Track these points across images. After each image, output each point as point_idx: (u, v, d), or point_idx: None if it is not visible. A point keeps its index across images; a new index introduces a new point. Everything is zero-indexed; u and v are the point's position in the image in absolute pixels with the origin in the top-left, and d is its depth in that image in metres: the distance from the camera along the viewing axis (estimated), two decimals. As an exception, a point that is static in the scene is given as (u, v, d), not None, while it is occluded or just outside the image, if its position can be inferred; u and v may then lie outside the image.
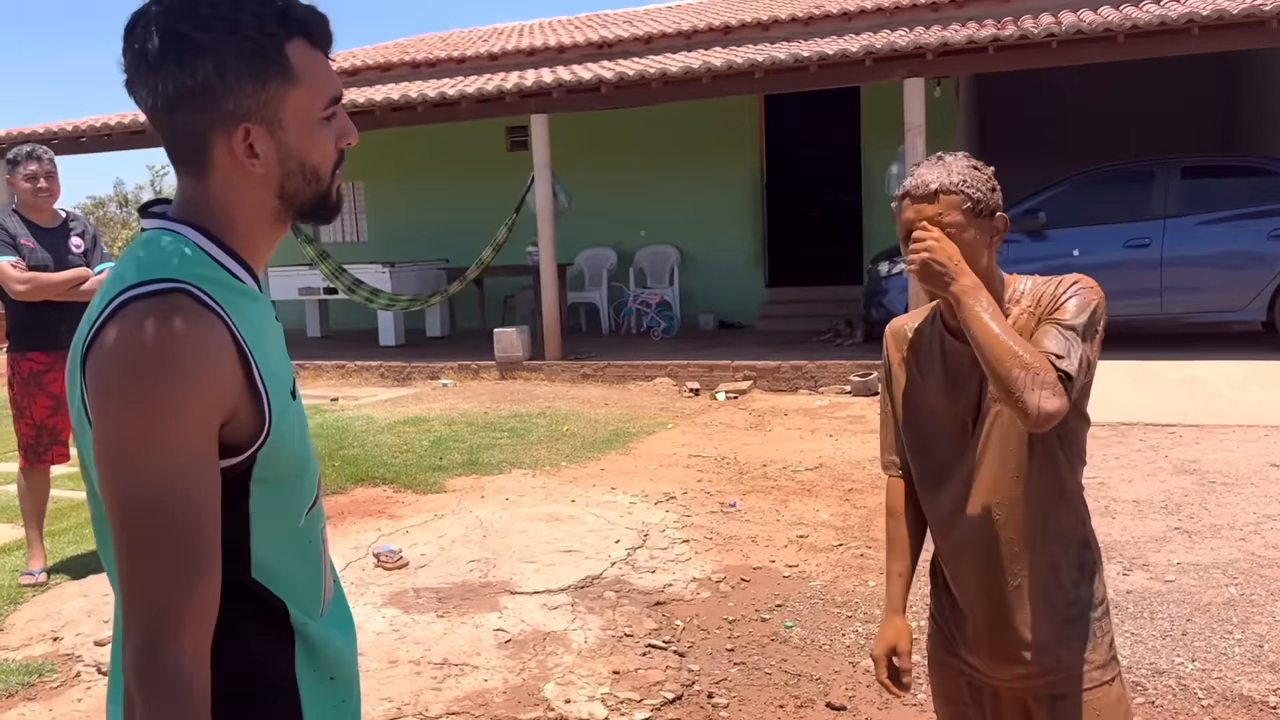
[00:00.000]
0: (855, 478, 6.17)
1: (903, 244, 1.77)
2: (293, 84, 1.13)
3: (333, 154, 1.19)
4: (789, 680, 3.55)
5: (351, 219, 15.04)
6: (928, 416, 1.87)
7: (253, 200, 1.16)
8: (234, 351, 1.07)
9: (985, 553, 1.82)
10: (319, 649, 1.18)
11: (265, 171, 1.14)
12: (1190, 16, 8.38)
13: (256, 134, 1.12)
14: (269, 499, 1.13)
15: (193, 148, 1.13)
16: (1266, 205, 8.88)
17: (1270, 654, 3.56)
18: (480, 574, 4.60)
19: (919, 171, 1.77)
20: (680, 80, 9.94)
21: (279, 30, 1.11)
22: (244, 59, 1.09)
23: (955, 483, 1.84)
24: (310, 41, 1.15)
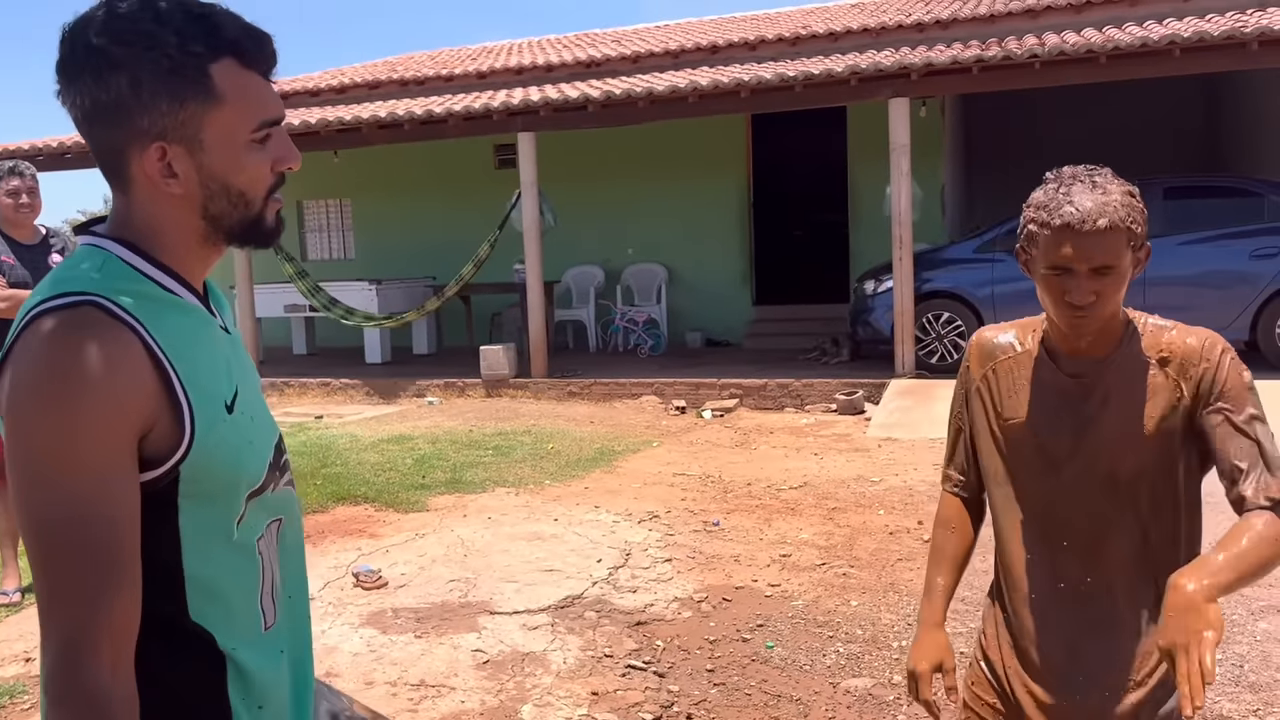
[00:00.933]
0: (839, 496, 6.16)
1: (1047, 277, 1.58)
2: (215, 105, 1.10)
3: (266, 178, 1.16)
4: (769, 701, 3.52)
5: (339, 236, 15.03)
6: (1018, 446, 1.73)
7: (175, 219, 1.14)
8: (148, 363, 1.05)
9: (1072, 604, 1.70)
10: (249, 675, 1.15)
11: (184, 192, 1.12)
12: (1172, 38, 8.45)
13: (174, 153, 1.10)
14: (200, 513, 1.11)
15: (112, 163, 1.12)
16: (1248, 225, 8.95)
17: (1250, 674, 3.55)
18: (460, 594, 4.56)
19: (1077, 199, 1.55)
20: (667, 99, 9.97)
21: (204, 50, 1.09)
22: (160, 77, 1.07)
23: (1047, 517, 1.71)
24: (241, 62, 1.12)
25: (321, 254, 14.94)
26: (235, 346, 1.22)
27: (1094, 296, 1.55)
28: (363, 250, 14.67)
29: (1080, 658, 1.69)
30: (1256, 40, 8.32)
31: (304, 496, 6.31)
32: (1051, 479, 1.69)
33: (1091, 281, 1.55)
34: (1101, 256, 1.53)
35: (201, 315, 1.16)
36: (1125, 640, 1.67)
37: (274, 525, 1.23)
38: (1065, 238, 1.54)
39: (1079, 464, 1.66)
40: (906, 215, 9.41)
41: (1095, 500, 1.66)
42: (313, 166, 13.63)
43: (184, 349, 1.10)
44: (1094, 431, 1.65)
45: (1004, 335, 1.79)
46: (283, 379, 11.31)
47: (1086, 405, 1.66)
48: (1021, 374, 1.73)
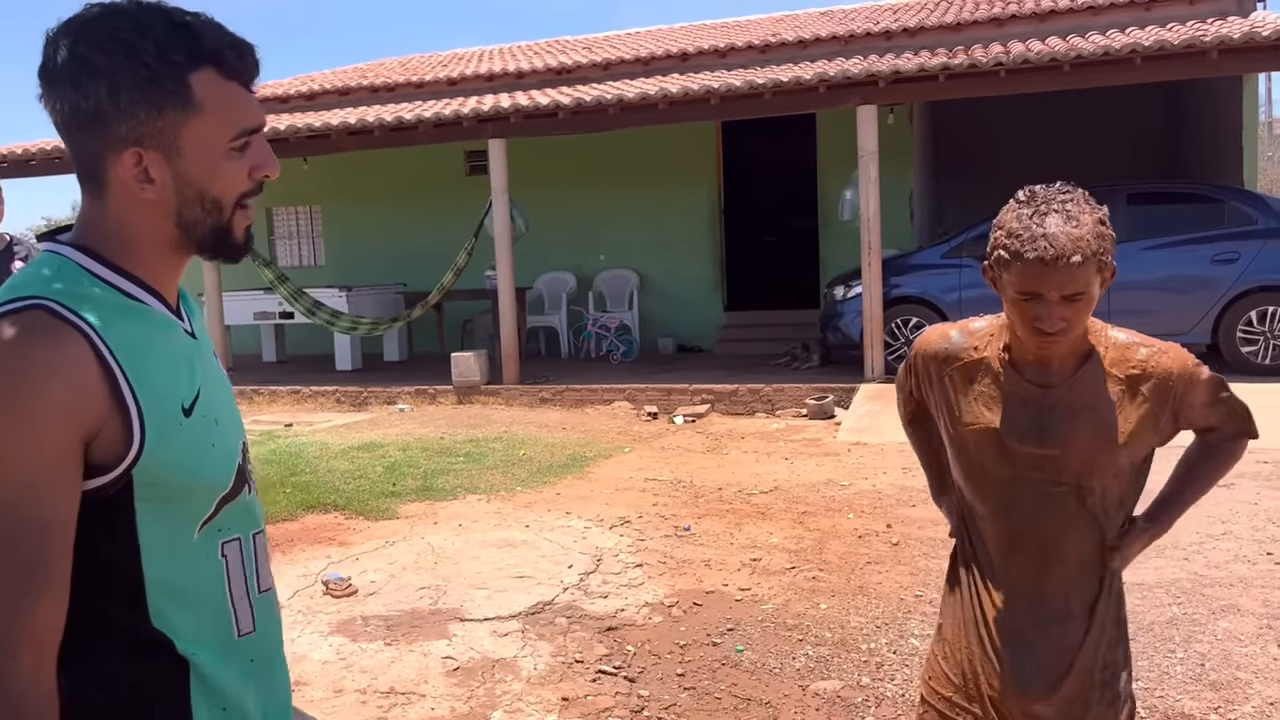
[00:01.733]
0: (809, 501, 6.20)
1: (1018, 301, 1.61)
2: (193, 114, 1.11)
3: (243, 184, 1.17)
4: (738, 705, 3.54)
5: (309, 243, 14.95)
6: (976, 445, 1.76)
7: (148, 225, 1.15)
8: (95, 366, 1.06)
9: (1028, 597, 1.73)
10: (211, 679, 1.15)
11: (159, 198, 1.13)
12: (1133, 47, 8.59)
13: (151, 159, 1.11)
14: (159, 517, 1.11)
15: (89, 168, 1.13)
16: (1210, 231, 9.10)
17: (1211, 672, 3.61)
18: (430, 601, 4.55)
19: (1045, 226, 1.57)
20: (637, 106, 10.01)
21: (184, 59, 1.10)
22: (139, 85, 1.08)
23: (1004, 516, 1.75)
24: (222, 72, 1.13)
25: (291, 260, 14.84)
26: (202, 351, 1.22)
27: (1064, 323, 1.59)
28: (333, 257, 14.60)
29: (1033, 651, 1.73)
30: (1216, 49, 8.47)
31: (273, 504, 6.28)
32: (1014, 483, 1.72)
33: (1062, 308, 1.58)
34: (1073, 287, 1.56)
35: (161, 320, 1.16)
36: (1073, 633, 1.72)
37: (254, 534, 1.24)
38: (1037, 270, 1.56)
39: (1045, 473, 1.70)
40: (875, 221, 9.49)
41: (1057, 506, 1.70)
42: (282, 173, 13.35)
43: (137, 353, 1.10)
44: (1062, 444, 1.68)
45: (957, 337, 1.81)
46: (252, 387, 11.23)
47: (1053, 414, 1.69)
48: (983, 380, 1.75)
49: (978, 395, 1.75)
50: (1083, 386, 1.68)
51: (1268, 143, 28.93)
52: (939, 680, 1.85)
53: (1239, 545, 4.94)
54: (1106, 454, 1.67)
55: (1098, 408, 1.67)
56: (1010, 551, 1.75)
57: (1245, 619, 4.05)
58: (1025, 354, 1.71)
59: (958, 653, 1.82)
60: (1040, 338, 1.62)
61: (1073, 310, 1.59)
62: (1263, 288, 8.83)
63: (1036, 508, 1.71)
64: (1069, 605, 1.73)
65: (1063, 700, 1.71)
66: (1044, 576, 1.72)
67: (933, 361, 1.83)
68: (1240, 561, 4.72)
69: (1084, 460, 1.67)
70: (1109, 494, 1.70)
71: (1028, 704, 1.72)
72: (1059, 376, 1.70)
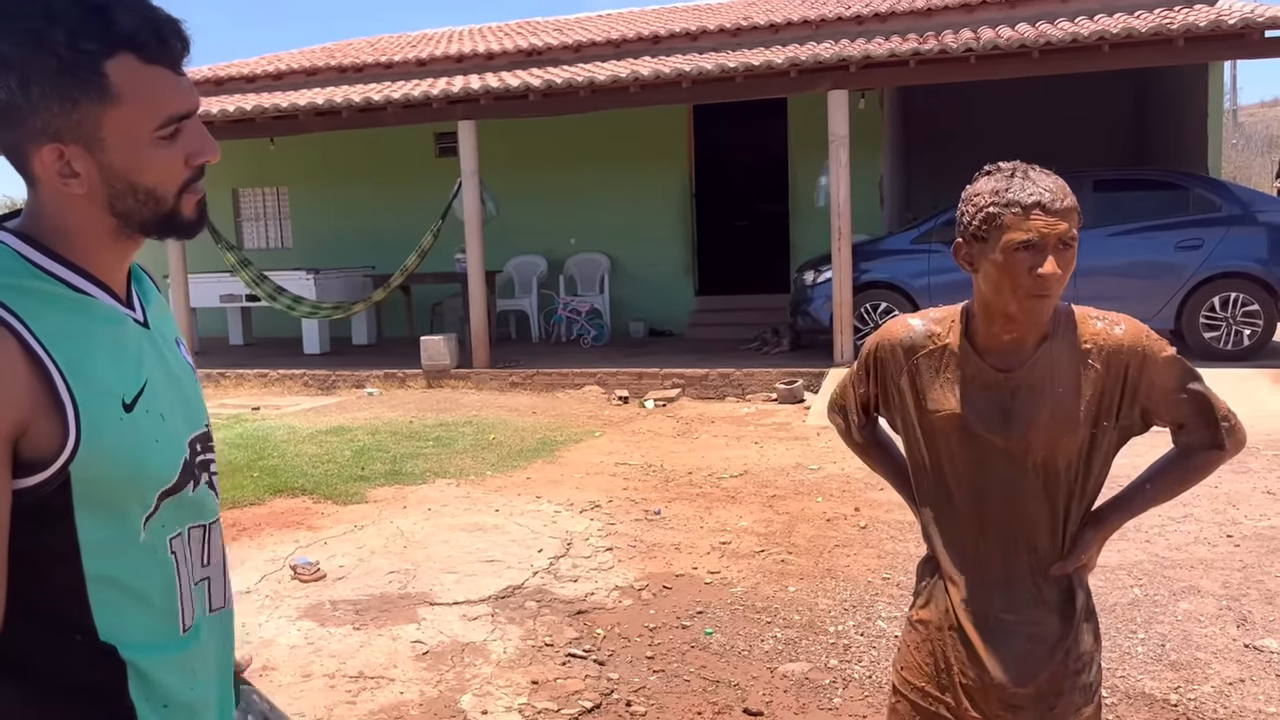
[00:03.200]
0: (779, 484, 6.23)
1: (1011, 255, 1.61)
2: (111, 103, 1.05)
3: (179, 173, 1.12)
4: (707, 687, 3.56)
5: (276, 225, 14.78)
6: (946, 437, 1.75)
7: (82, 216, 1.10)
8: (22, 359, 1.02)
9: (1000, 584, 1.73)
10: (151, 676, 1.12)
11: (86, 191, 1.08)
12: (1101, 34, 8.65)
13: (72, 153, 1.06)
14: (99, 514, 1.08)
15: (15, 161, 1.09)
16: (1175, 218, 9.20)
17: (1171, 653, 3.67)
18: (399, 585, 4.54)
19: (1033, 181, 1.63)
20: (608, 89, 9.96)
21: (97, 47, 1.04)
22: (49, 77, 1.03)
23: (971, 503, 1.74)
24: (141, 57, 1.06)
25: (258, 243, 14.68)
26: (154, 341, 1.19)
27: (1061, 270, 1.60)
28: (300, 239, 14.45)
29: (1007, 639, 1.74)
30: (1182, 36, 8.55)
31: (240, 489, 6.22)
32: (981, 469, 1.73)
33: (1059, 255, 1.60)
34: (1069, 228, 1.60)
35: (105, 311, 1.13)
36: (1046, 620, 1.73)
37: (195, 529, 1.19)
38: (1036, 213, 1.60)
39: (1010, 455, 1.70)
40: (845, 207, 9.52)
41: (1024, 489, 1.71)
42: (249, 154, 13.38)
43: (72, 345, 1.06)
44: (1025, 424, 1.69)
45: (919, 326, 1.81)
46: (219, 370, 11.11)
47: (1016, 398, 1.69)
48: (945, 366, 1.75)
49: (943, 382, 1.75)
50: (1043, 366, 1.69)
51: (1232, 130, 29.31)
52: (912, 670, 1.85)
53: (1200, 528, 5.02)
54: (1069, 434, 1.68)
55: (1058, 386, 1.68)
56: (980, 539, 1.75)
57: (1205, 600, 4.12)
58: (990, 337, 1.71)
59: (930, 642, 1.82)
60: (1033, 294, 1.61)
61: (1065, 260, 1.61)
62: (1225, 274, 8.95)
63: (1004, 494, 1.71)
64: (1040, 592, 1.73)
65: (1036, 689, 1.71)
66: (1014, 563, 1.73)
67: (898, 350, 1.82)
68: (1201, 544, 4.79)
69: (1048, 442, 1.68)
70: (1075, 475, 1.71)
71: (1002, 693, 1.73)
72: (1020, 359, 1.70)
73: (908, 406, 1.80)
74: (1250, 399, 7.62)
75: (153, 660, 1.12)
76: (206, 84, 13.52)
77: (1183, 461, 1.80)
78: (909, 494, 1.92)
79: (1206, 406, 1.73)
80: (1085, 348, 1.68)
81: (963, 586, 1.77)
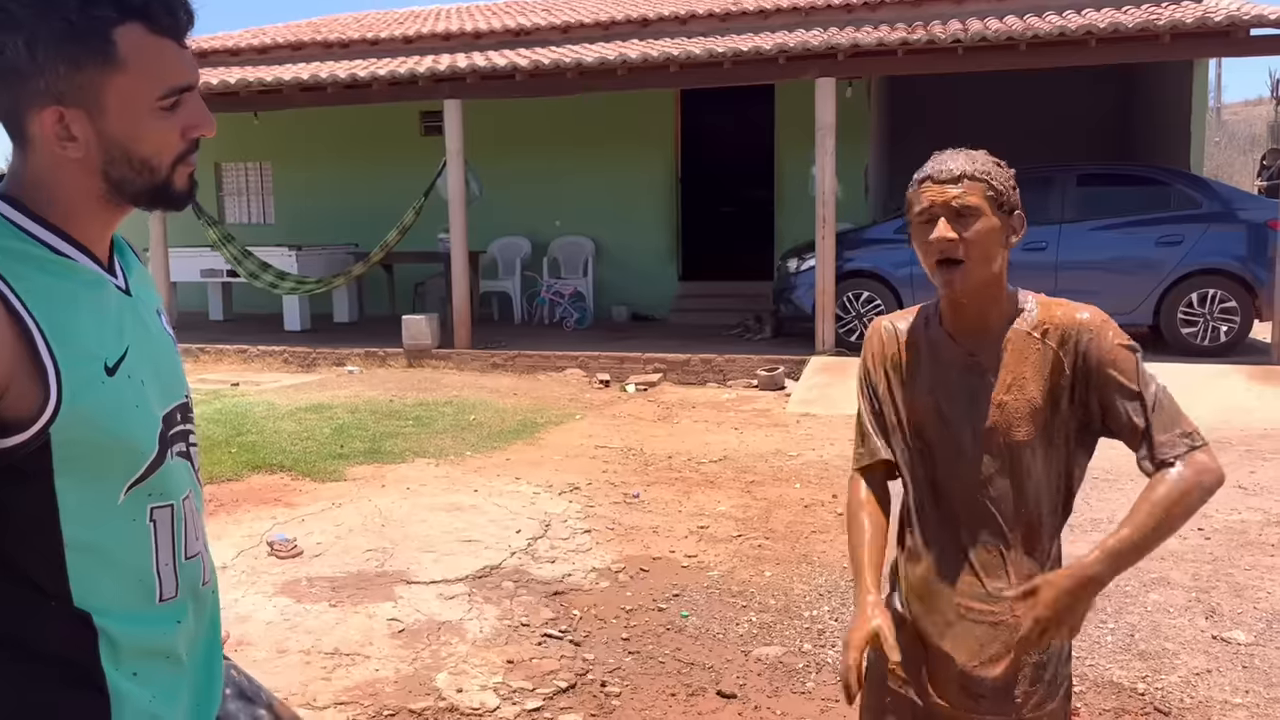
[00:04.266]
0: (758, 470, 6.26)
1: (918, 229, 1.72)
2: (116, 70, 1.07)
3: (175, 144, 1.13)
4: (682, 669, 3.59)
5: (259, 200, 14.67)
6: (923, 426, 1.79)
7: (73, 181, 1.11)
8: (5, 320, 1.02)
9: (971, 572, 1.76)
10: (122, 643, 1.12)
11: (82, 155, 1.09)
12: (1089, 28, 8.68)
13: (72, 116, 1.07)
14: (80, 479, 1.08)
15: (10, 122, 1.09)
16: (1156, 214, 9.27)
17: (1140, 643, 3.72)
18: (377, 563, 4.54)
19: (940, 157, 1.74)
20: (596, 71, 9.92)
21: (108, 13, 1.05)
22: (57, 39, 1.04)
23: (944, 489, 1.77)
24: (150, 27, 1.08)
25: (240, 218, 14.56)
26: (136, 309, 1.19)
27: (953, 237, 1.65)
28: (283, 215, 14.34)
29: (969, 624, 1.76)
30: (1169, 33, 8.59)
31: (218, 464, 6.20)
32: (955, 456, 1.75)
33: (955, 221, 1.67)
34: (959, 198, 1.66)
35: (88, 275, 1.13)
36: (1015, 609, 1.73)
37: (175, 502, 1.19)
38: (926, 184, 1.71)
39: (978, 438, 1.73)
40: (830, 195, 9.53)
41: (994, 473, 1.73)
42: (232, 128, 13.25)
43: (57, 308, 1.06)
44: (990, 406, 1.72)
45: (901, 322, 1.87)
46: (198, 345, 11.04)
47: (982, 381, 1.74)
48: (923, 356, 1.80)
49: (921, 372, 1.80)
50: (1007, 347, 1.74)
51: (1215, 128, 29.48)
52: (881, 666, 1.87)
53: (1172, 520, 5.07)
54: (1027, 412, 1.71)
55: (1020, 367, 1.72)
56: (948, 525, 1.78)
57: (1175, 592, 4.18)
58: (954, 321, 1.77)
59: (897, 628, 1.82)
60: (939, 265, 1.68)
61: (962, 226, 1.66)
62: (1204, 270, 9.03)
63: (971, 479, 1.75)
64: (1010, 580, 1.75)
65: (998, 678, 1.73)
66: (980, 551, 1.75)
67: (880, 350, 1.87)
68: (1172, 536, 4.84)
69: (1009, 420, 1.71)
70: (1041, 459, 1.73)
71: (964, 680, 1.75)
72: (987, 341, 1.75)
73: (894, 399, 1.84)
74: (1226, 395, 7.70)
75: (126, 630, 1.12)
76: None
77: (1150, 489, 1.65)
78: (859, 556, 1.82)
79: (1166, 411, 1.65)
80: (1047, 329, 1.73)
81: (929, 573, 1.80)
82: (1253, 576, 4.31)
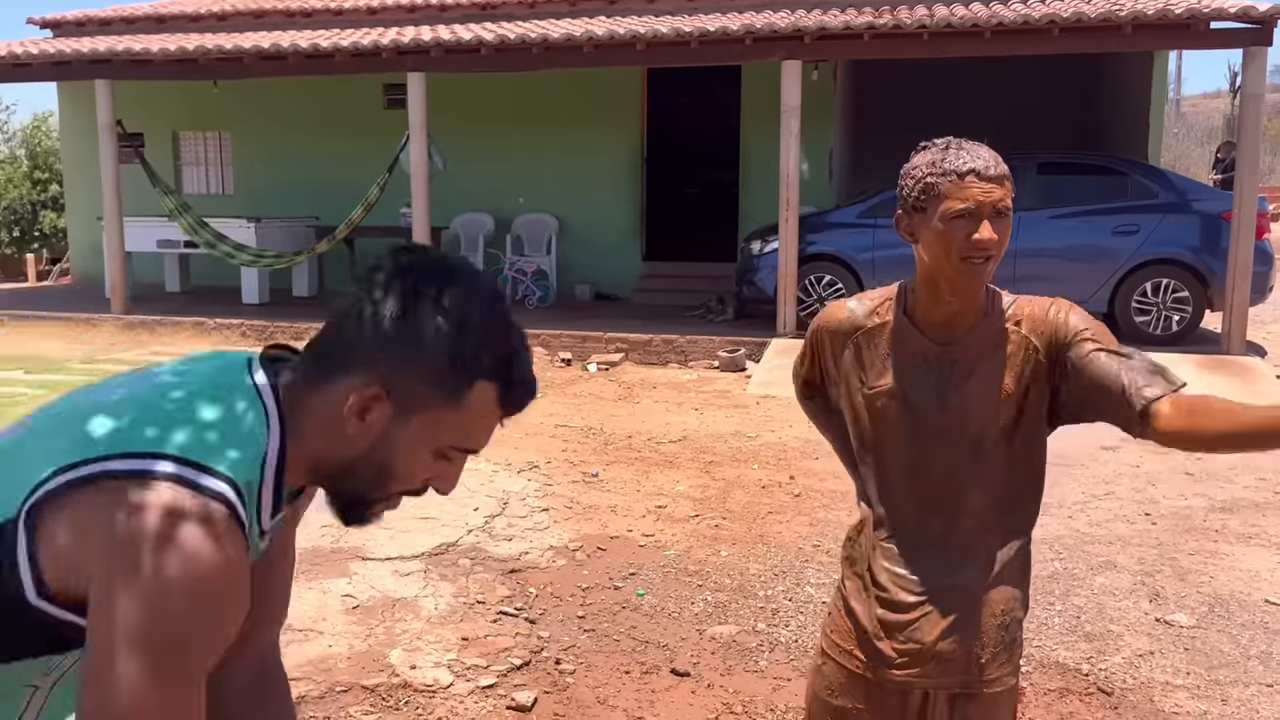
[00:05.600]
0: (716, 451, 6.29)
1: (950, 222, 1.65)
2: (450, 407, 1.10)
3: (415, 482, 1.15)
4: (636, 647, 3.61)
5: (217, 170, 14.42)
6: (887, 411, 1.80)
7: (321, 446, 1.12)
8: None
9: (933, 549, 1.79)
10: None
11: (353, 435, 1.10)
12: (1052, 17, 8.75)
13: (381, 408, 1.09)
14: None
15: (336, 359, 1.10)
16: (1113, 203, 9.39)
17: (1086, 624, 3.80)
18: (332, 539, 4.51)
19: (975, 151, 1.68)
20: (562, 48, 9.85)
21: (485, 370, 1.09)
22: (443, 352, 1.07)
23: (911, 472, 1.79)
24: (501, 398, 1.12)
25: (198, 188, 14.31)
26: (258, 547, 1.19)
27: (997, 235, 1.65)
28: (242, 186, 14.12)
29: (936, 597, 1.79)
30: (1130, 24, 8.68)
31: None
32: (919, 442, 1.77)
33: (995, 221, 1.65)
34: (1004, 197, 1.65)
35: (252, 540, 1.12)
36: (977, 578, 1.79)
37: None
38: (972, 180, 1.65)
39: (947, 428, 1.75)
40: (794, 178, 9.55)
41: (961, 461, 1.76)
42: (191, 96, 13.01)
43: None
44: (962, 397, 1.74)
45: (860, 307, 1.85)
46: (154, 317, 10.87)
47: (953, 372, 1.75)
48: (885, 343, 1.80)
49: (883, 359, 1.80)
50: (979, 340, 1.74)
51: (1174, 120, 29.87)
52: (840, 634, 1.89)
53: (1120, 505, 5.18)
54: (1000, 403, 1.73)
55: (992, 359, 1.74)
56: (916, 507, 1.80)
57: (1121, 575, 4.26)
58: (930, 311, 1.76)
59: (860, 605, 1.86)
60: (970, 261, 1.66)
61: (1001, 227, 1.66)
62: (1158, 260, 9.17)
63: (940, 465, 1.77)
64: (974, 556, 1.79)
65: (965, 645, 1.77)
66: (950, 529, 1.79)
67: (837, 334, 1.86)
68: (1120, 521, 4.95)
69: (981, 411, 1.73)
70: (1009, 447, 1.76)
71: (933, 650, 1.77)
72: (959, 333, 1.75)
73: (851, 384, 1.85)
74: (1176, 383, 7.84)
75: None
76: (148, 20, 13.11)
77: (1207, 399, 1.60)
78: (849, 460, 1.96)
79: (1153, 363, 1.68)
80: (1018, 321, 1.74)
81: (897, 551, 1.82)
82: (1196, 561, 4.41)
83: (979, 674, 1.77)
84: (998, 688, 1.79)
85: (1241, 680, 3.37)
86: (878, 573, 1.83)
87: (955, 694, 1.79)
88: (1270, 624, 3.78)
